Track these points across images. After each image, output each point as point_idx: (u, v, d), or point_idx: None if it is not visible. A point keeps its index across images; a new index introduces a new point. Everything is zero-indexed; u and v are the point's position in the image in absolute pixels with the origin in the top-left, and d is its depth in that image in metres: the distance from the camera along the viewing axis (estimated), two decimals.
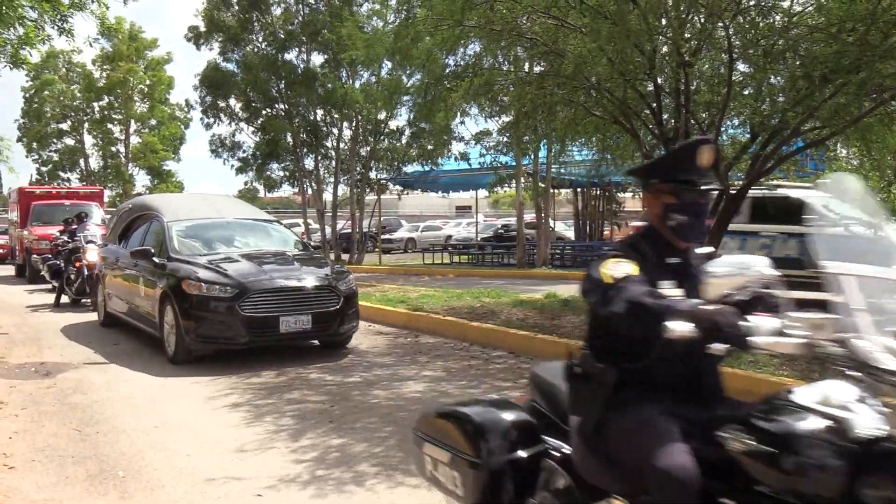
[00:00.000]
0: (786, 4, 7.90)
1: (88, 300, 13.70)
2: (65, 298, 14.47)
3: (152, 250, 9.28)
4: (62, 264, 14.63)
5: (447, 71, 9.66)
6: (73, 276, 14.24)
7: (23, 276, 21.23)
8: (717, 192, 9.35)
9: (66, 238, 15.48)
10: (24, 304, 14.79)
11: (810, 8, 7.80)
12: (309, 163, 27.04)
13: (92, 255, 13.65)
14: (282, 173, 27.10)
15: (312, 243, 18.55)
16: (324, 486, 4.62)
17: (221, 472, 4.86)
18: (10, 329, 11.31)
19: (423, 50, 9.09)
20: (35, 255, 19.64)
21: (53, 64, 40.90)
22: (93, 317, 12.20)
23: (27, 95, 41.74)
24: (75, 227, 15.75)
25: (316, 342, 9.31)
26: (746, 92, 8.54)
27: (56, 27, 9.10)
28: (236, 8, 25.25)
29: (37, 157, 42.24)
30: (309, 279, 8.75)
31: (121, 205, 13.46)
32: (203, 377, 7.73)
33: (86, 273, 13.68)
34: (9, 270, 23.87)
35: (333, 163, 26.72)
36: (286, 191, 31.77)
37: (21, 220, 22.13)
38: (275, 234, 10.87)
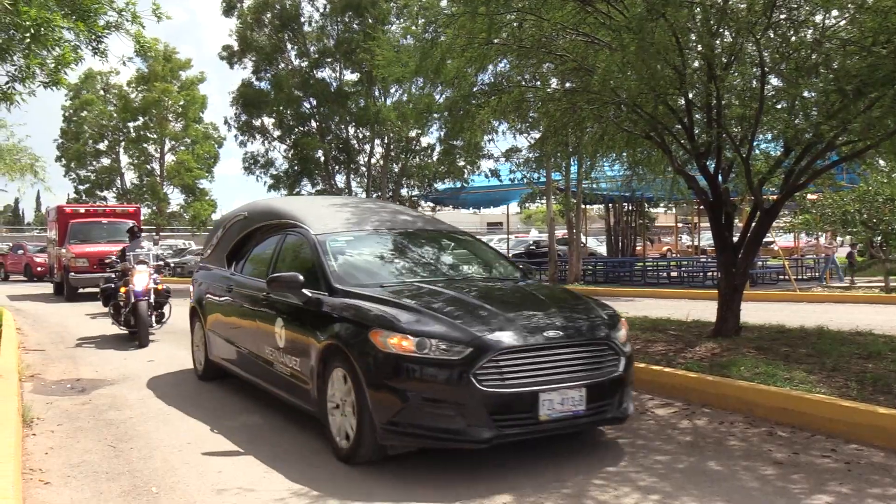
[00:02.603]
0: (818, 18, 7.83)
1: (136, 331, 11.49)
2: (117, 329, 12.21)
3: (301, 278, 6.10)
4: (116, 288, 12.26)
5: (475, 89, 9.68)
6: (121, 303, 11.86)
7: (60, 294, 21.57)
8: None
9: (114, 258, 13.11)
10: (64, 323, 14.93)
11: (843, 21, 7.72)
12: (340, 179, 27.31)
13: (141, 278, 11.64)
14: (313, 189, 27.38)
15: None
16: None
17: (252, 489, 4.88)
18: (47, 346, 11.48)
19: (453, 67, 9.11)
20: (73, 273, 19.98)
21: (91, 85, 41.90)
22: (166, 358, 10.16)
23: (66, 115, 42.76)
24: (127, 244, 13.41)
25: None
26: (779, 106, 8.46)
27: (91, 48, 9.27)
28: (269, 28, 25.67)
29: (74, 176, 43.15)
30: (573, 328, 5.41)
31: (227, 213, 9.63)
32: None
33: (132, 300, 11.48)
34: (48, 288, 24.30)
35: (365, 179, 26.95)
36: None
37: (59, 238, 22.45)
38: (475, 252, 7.48)
